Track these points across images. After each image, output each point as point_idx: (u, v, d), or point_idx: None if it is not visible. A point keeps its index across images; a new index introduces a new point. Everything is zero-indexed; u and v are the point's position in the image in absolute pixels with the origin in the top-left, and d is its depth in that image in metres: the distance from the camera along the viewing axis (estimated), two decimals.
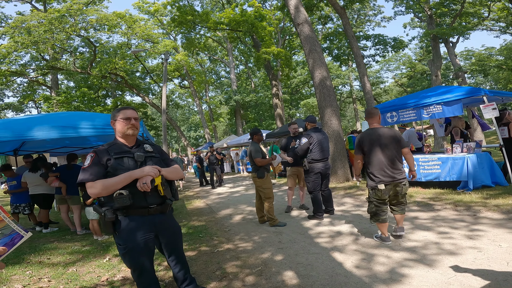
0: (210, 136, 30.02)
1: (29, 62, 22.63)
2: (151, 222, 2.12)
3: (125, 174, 1.99)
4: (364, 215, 4.95)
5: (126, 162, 2.07)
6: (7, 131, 4.11)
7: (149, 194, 2.07)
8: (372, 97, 15.94)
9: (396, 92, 38.18)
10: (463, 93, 6.09)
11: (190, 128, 50.74)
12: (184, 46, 24.29)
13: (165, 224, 2.22)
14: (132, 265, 2.12)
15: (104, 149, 2.09)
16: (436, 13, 19.77)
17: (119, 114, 2.17)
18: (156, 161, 2.21)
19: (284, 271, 2.98)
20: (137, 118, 2.20)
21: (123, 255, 2.11)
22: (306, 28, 9.37)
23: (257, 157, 4.72)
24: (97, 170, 1.99)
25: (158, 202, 2.13)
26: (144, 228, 2.08)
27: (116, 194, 1.97)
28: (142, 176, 2.00)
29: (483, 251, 3.00)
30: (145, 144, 2.26)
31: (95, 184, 1.95)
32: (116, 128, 2.17)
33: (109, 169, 2.02)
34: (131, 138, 2.19)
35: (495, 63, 22.45)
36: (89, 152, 2.11)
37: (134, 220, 2.06)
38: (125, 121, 2.13)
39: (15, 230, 1.01)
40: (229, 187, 11.23)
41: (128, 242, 2.04)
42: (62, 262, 3.76)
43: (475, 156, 5.77)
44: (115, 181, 1.97)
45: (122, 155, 2.08)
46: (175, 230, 2.33)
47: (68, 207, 5.91)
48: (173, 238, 2.30)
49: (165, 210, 2.19)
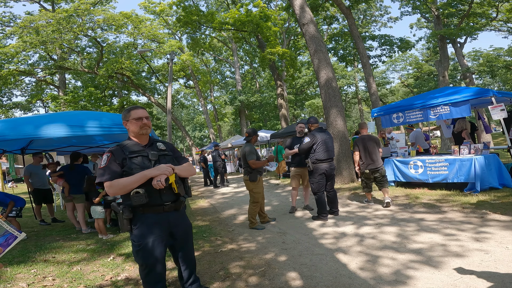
0: (214, 136, 30.08)
1: (37, 61, 22.95)
2: (166, 219, 2.17)
3: (140, 173, 2.04)
4: (369, 216, 4.91)
5: (141, 161, 2.12)
6: (15, 129, 4.17)
7: (164, 192, 2.13)
8: (377, 98, 15.83)
9: (402, 93, 37.88)
10: (471, 94, 6.01)
11: (195, 128, 50.93)
12: (189, 46, 24.42)
13: (178, 221, 2.26)
14: (144, 262, 2.15)
15: (119, 148, 2.14)
16: (444, 14, 19.53)
17: (130, 114, 2.20)
18: (169, 159, 2.25)
19: (288, 272, 2.97)
20: (148, 117, 2.24)
21: (136, 252, 2.15)
22: (311, 28, 9.33)
23: (252, 159, 4.59)
24: (113, 169, 2.05)
25: (172, 199, 2.19)
26: (159, 225, 2.14)
27: (132, 192, 2.03)
28: (157, 175, 2.04)
29: (490, 253, 2.95)
30: (158, 143, 2.30)
31: (112, 183, 2.01)
32: (130, 129, 2.21)
33: (125, 169, 2.07)
34: (144, 137, 2.23)
35: (503, 64, 22.14)
36: (105, 151, 2.17)
37: (149, 217, 2.12)
38: (137, 121, 2.17)
39: (8, 231, 1.02)
40: (233, 187, 11.24)
41: (142, 239, 2.10)
42: (67, 260, 3.79)
43: (482, 157, 5.69)
44: (131, 180, 2.02)
45: (137, 154, 2.13)
46: (187, 228, 2.37)
47: (74, 206, 5.97)
48: (185, 236, 2.34)
49: (179, 207, 2.24)
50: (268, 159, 4.94)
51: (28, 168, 6.50)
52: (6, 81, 19.60)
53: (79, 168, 5.63)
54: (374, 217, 4.84)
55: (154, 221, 2.13)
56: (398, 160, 7.01)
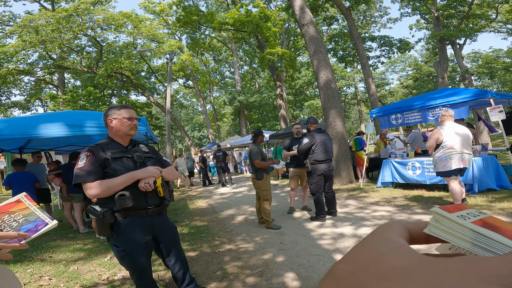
0: (213, 136, 30.07)
1: (36, 61, 22.89)
2: (149, 223, 2.10)
3: (127, 175, 1.94)
4: (367, 217, 4.91)
5: (126, 163, 2.02)
6: (13, 128, 4.16)
7: (149, 195, 2.06)
8: (377, 99, 15.86)
9: (401, 94, 37.93)
10: (469, 95, 6.02)
11: (194, 128, 50.91)
12: (189, 46, 24.40)
13: (162, 225, 2.21)
14: (131, 267, 2.09)
15: (100, 148, 2.00)
16: (443, 15, 19.57)
17: (121, 112, 2.07)
18: (153, 161, 2.19)
19: (285, 272, 2.96)
20: (137, 118, 2.17)
21: (121, 258, 2.06)
22: (311, 29, 9.34)
23: (257, 159, 4.68)
24: (94, 170, 1.91)
25: (157, 203, 2.12)
26: (142, 230, 2.06)
27: (117, 195, 1.92)
28: (145, 177, 1.97)
29: None
30: (140, 144, 2.22)
31: (94, 185, 1.88)
32: (115, 127, 2.05)
33: (108, 170, 1.96)
34: (129, 138, 2.13)
35: (502, 65, 22.19)
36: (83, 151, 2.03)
37: (133, 221, 2.02)
38: (128, 121, 2.07)
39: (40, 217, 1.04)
40: (232, 188, 11.23)
41: (127, 244, 2.01)
42: (64, 260, 3.78)
43: (480, 159, 5.70)
44: (117, 181, 1.91)
45: (121, 155, 2.03)
46: (171, 230, 2.32)
47: (72, 205, 5.96)
48: (171, 238, 2.30)
49: (162, 211, 2.19)
50: (274, 161, 5.01)
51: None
52: (5, 80, 19.56)
53: None
54: (372, 218, 4.84)
55: (137, 225, 2.03)
56: (396, 161, 7.02)
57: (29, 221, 1.02)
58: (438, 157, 4.58)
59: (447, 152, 4.49)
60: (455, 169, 4.48)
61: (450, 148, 4.47)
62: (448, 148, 4.48)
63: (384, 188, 7.30)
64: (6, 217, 1.01)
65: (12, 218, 1.01)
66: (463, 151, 4.43)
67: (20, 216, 1.02)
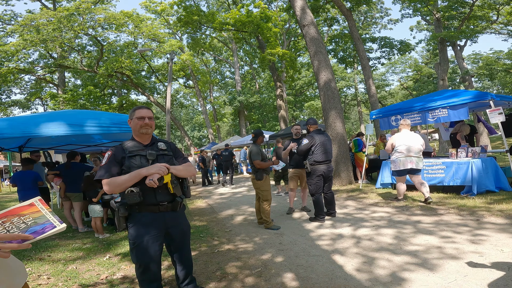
0: (213, 136, 30.08)
1: (37, 60, 22.94)
2: (162, 219, 2.17)
3: (134, 172, 2.06)
4: (366, 218, 4.92)
5: (138, 161, 2.14)
6: (13, 127, 4.16)
7: (159, 192, 2.13)
8: (377, 100, 15.86)
9: (401, 95, 37.94)
10: (469, 97, 6.03)
11: (194, 128, 50.92)
12: (189, 46, 24.43)
13: (175, 222, 2.26)
14: (138, 260, 2.16)
15: (120, 147, 2.18)
16: (444, 16, 19.58)
17: (134, 113, 2.23)
18: (168, 159, 2.26)
19: (284, 272, 2.97)
20: (152, 117, 2.24)
21: (131, 250, 2.17)
22: (311, 30, 9.35)
23: (257, 159, 4.68)
24: (112, 167, 2.08)
25: (168, 199, 2.19)
26: (154, 225, 2.14)
27: (127, 191, 2.05)
28: (150, 173, 2.05)
29: (484, 255, 2.96)
30: (159, 143, 2.31)
31: (109, 181, 2.04)
32: (132, 127, 2.24)
33: (124, 167, 2.11)
34: (146, 136, 2.24)
35: (502, 67, 22.20)
36: (106, 150, 2.24)
37: (145, 216, 2.13)
38: (139, 120, 2.19)
39: (49, 220, 1.05)
40: (231, 188, 11.24)
41: (137, 237, 2.11)
42: (63, 259, 3.79)
43: (480, 161, 5.71)
44: (125, 179, 2.05)
45: (135, 154, 2.16)
46: (184, 229, 2.36)
47: (71, 205, 5.96)
48: (181, 236, 2.34)
49: (175, 207, 2.24)
50: (273, 162, 5.02)
51: None
52: (6, 79, 19.58)
53: (76, 166, 5.61)
54: (371, 219, 4.85)
55: (150, 220, 2.13)
56: None
57: (38, 224, 1.03)
58: (392, 159, 5.65)
59: (398, 155, 5.52)
60: (403, 169, 5.49)
61: (400, 152, 5.50)
62: (399, 152, 5.51)
63: (383, 189, 7.31)
64: (15, 219, 1.02)
65: (22, 220, 1.02)
66: (410, 155, 5.41)
67: (30, 219, 1.03)
